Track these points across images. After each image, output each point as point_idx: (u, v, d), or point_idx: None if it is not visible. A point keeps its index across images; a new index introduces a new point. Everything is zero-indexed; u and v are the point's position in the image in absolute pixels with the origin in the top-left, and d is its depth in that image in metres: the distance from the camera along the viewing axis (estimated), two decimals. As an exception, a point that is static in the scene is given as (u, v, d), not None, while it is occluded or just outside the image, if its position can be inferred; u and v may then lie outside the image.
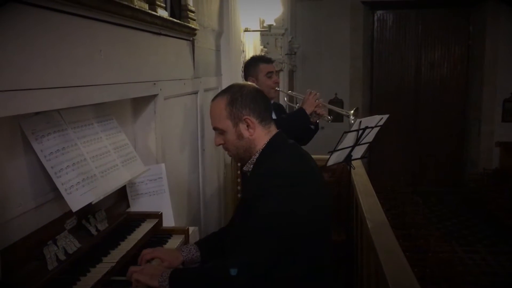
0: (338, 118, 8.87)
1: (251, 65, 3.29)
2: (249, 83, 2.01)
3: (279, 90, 3.45)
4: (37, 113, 1.69)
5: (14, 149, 1.62)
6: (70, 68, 1.67)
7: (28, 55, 1.44)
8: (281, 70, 6.82)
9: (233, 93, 1.83)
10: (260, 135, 1.83)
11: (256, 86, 2.00)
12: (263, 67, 3.25)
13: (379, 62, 9.47)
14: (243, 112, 1.80)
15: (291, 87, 7.59)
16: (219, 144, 1.90)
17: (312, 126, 3.29)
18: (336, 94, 9.00)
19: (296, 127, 3.12)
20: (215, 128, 1.88)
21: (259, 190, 1.70)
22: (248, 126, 1.81)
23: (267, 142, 1.83)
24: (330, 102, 8.90)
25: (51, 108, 1.61)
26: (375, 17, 9.36)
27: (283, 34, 6.86)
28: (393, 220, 5.75)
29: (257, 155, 1.83)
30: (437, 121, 9.37)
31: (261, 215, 1.66)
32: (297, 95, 3.89)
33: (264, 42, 6.21)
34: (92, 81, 1.82)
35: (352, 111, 3.42)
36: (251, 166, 1.85)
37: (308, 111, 3.19)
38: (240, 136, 1.82)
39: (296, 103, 3.47)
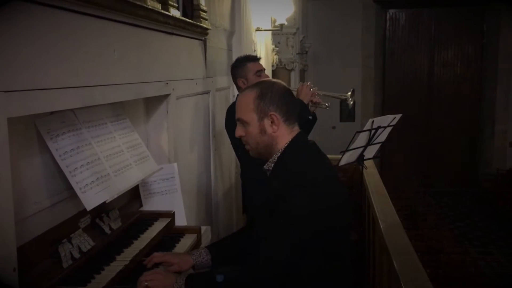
0: (349, 117, 8.93)
1: (238, 66, 3.17)
2: (279, 81, 1.99)
3: None
4: (52, 113, 1.71)
5: (30, 148, 1.64)
6: (84, 68, 1.69)
7: (43, 55, 1.46)
8: (292, 69, 6.82)
9: (263, 88, 1.83)
10: (283, 133, 1.83)
11: (286, 85, 1.98)
12: (251, 66, 3.13)
13: (391, 62, 9.42)
14: (270, 108, 1.80)
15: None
16: (240, 136, 1.89)
17: (310, 117, 3.25)
18: (348, 93, 8.96)
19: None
20: (238, 119, 1.87)
21: (282, 189, 1.70)
22: (272, 122, 1.81)
23: (289, 142, 1.83)
24: (342, 102, 8.86)
25: (65, 107, 1.64)
26: (387, 16, 9.31)
27: (294, 34, 6.85)
28: (406, 221, 5.71)
29: (279, 153, 1.83)
30: (450, 121, 9.29)
31: (286, 214, 1.66)
32: (290, 88, 3.85)
33: (276, 42, 6.21)
34: (106, 80, 1.84)
35: (349, 93, 3.35)
36: (272, 165, 1.85)
37: (305, 101, 3.13)
38: (263, 131, 1.82)
39: None
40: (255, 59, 3.24)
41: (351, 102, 3.33)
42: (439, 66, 9.33)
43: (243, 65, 3.15)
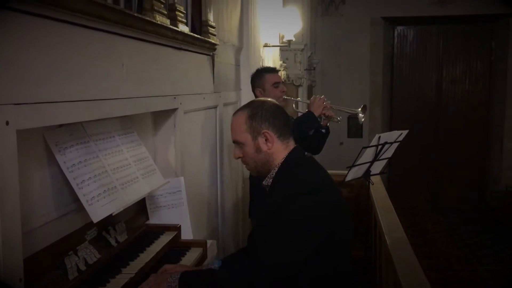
0: (357, 133, 8.92)
1: (257, 77, 3.34)
2: (269, 99, 2.04)
3: (286, 99, 3.47)
4: (60, 126, 1.73)
5: (38, 161, 1.66)
6: (93, 81, 1.72)
7: (53, 69, 1.48)
8: (300, 85, 6.84)
9: (253, 108, 1.88)
10: (279, 149, 1.86)
11: (277, 102, 2.02)
12: (269, 78, 3.29)
13: (399, 78, 9.41)
14: (262, 126, 1.84)
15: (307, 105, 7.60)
16: (238, 157, 1.94)
17: (323, 130, 3.30)
18: (355, 109, 8.96)
19: (306, 129, 3.15)
20: (234, 141, 1.92)
21: (282, 199, 1.72)
22: (266, 140, 1.85)
23: (286, 157, 1.86)
24: (349, 118, 8.87)
25: (74, 120, 1.66)
26: (395, 33, 9.33)
27: (302, 50, 6.88)
28: (414, 238, 5.67)
29: (276, 169, 1.86)
30: (458, 137, 9.24)
31: (285, 220, 1.68)
32: (304, 101, 3.93)
33: (284, 57, 6.24)
34: (114, 94, 1.86)
35: (359, 109, 3.40)
36: (270, 180, 1.87)
37: (316, 114, 3.21)
38: (258, 149, 1.86)
39: (306, 110, 3.49)
40: (274, 70, 3.41)
41: (362, 119, 3.38)
42: (447, 83, 9.31)
43: (261, 76, 3.31)
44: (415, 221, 6.74)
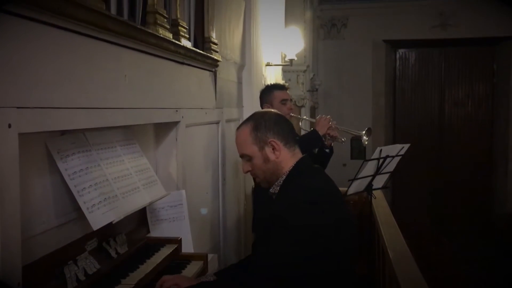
0: (360, 155, 8.90)
1: (266, 93, 3.40)
2: (270, 109, 2.06)
3: (293, 116, 3.51)
4: (63, 134, 1.74)
5: (40, 168, 1.67)
6: (96, 90, 1.74)
7: (57, 75, 1.51)
8: (302, 106, 6.88)
9: (256, 119, 1.89)
10: (286, 157, 1.86)
11: (277, 111, 2.04)
12: (277, 94, 3.34)
13: (401, 100, 9.45)
14: (267, 136, 1.84)
15: (312, 124, 7.62)
16: (247, 171, 1.92)
17: (327, 150, 3.32)
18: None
19: (309, 147, 3.17)
20: (242, 156, 1.91)
21: (286, 205, 1.71)
22: (273, 148, 1.84)
23: (294, 165, 1.85)
24: (352, 139, 8.87)
25: (76, 127, 1.67)
26: (397, 55, 9.41)
27: (304, 71, 6.95)
28: (418, 260, 5.59)
29: (284, 177, 1.85)
30: (462, 159, 9.21)
31: (287, 226, 1.67)
32: (310, 119, 3.97)
33: (286, 78, 6.29)
34: (116, 104, 1.88)
35: (364, 132, 3.43)
36: (278, 188, 1.87)
37: (320, 133, 3.24)
38: (266, 159, 1.85)
39: (311, 128, 3.53)
40: (283, 88, 3.47)
41: (366, 142, 3.41)
42: (450, 105, 9.33)
43: (270, 92, 3.37)
44: (419, 243, 6.66)
